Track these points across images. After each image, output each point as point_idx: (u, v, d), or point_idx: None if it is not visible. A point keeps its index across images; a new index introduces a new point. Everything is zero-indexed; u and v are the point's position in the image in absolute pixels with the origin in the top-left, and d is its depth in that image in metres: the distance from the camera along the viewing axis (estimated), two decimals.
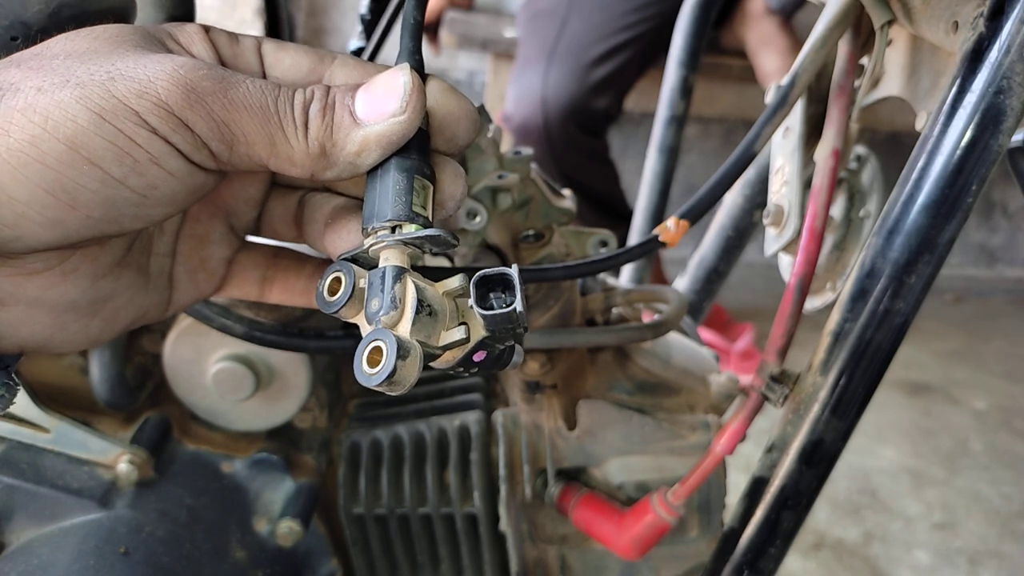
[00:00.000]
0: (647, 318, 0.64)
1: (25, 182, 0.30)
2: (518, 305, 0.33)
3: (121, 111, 0.31)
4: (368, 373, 0.31)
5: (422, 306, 0.33)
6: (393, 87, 0.35)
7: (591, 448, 0.57)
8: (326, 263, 0.42)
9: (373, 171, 0.36)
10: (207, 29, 0.38)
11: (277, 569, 0.59)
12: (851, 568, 1.58)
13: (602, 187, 2.22)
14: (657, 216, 0.99)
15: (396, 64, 0.37)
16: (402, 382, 0.32)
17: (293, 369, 0.58)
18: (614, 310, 0.64)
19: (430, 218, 0.35)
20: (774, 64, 2.14)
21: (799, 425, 0.45)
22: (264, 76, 0.38)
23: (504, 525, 0.56)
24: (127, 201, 0.32)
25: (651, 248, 0.50)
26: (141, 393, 0.60)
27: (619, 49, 2.08)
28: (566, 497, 0.56)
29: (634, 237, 1.02)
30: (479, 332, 0.34)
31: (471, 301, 0.33)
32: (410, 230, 0.34)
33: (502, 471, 0.54)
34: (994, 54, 0.38)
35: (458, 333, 0.34)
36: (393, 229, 0.34)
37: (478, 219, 0.52)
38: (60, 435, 0.56)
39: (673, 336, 0.65)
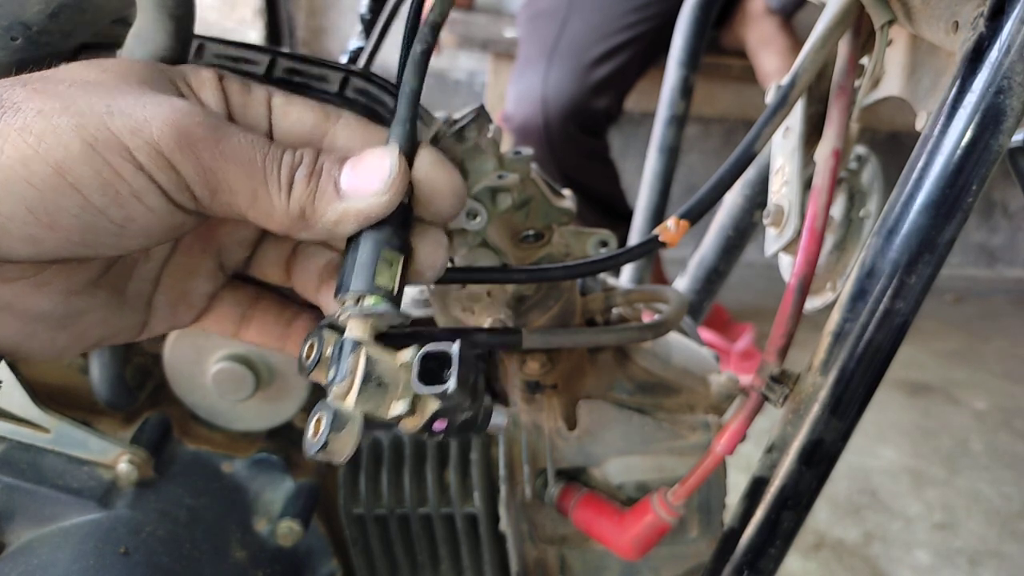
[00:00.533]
0: (647, 318, 0.64)
1: (8, 198, 0.31)
2: (451, 386, 0.34)
3: (113, 144, 0.32)
4: (309, 441, 0.34)
5: (370, 378, 0.35)
6: (379, 167, 0.36)
7: (591, 448, 0.57)
8: (307, 311, 0.43)
9: (351, 238, 0.37)
10: (221, 77, 0.39)
11: (277, 569, 0.60)
12: (851, 568, 1.58)
13: (602, 187, 2.22)
14: (657, 216, 0.99)
15: (391, 133, 0.38)
16: (337, 453, 0.34)
17: (293, 369, 0.58)
18: (614, 310, 0.64)
19: (394, 291, 0.37)
20: (774, 64, 2.14)
21: (799, 425, 0.45)
22: (271, 128, 0.39)
23: (504, 525, 0.56)
24: (105, 230, 0.33)
25: (651, 248, 0.50)
26: (141, 393, 0.60)
27: (619, 49, 2.08)
28: (566, 497, 0.56)
29: (634, 237, 1.02)
30: (434, 404, 0.35)
31: (413, 376, 0.35)
32: (370, 303, 0.36)
33: (502, 471, 0.54)
34: (994, 54, 0.38)
35: (402, 406, 0.35)
36: (358, 300, 0.36)
37: (478, 219, 0.52)
38: (60, 435, 0.56)
39: (673, 336, 0.65)
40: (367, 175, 0.36)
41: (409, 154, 0.38)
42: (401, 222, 0.37)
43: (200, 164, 0.34)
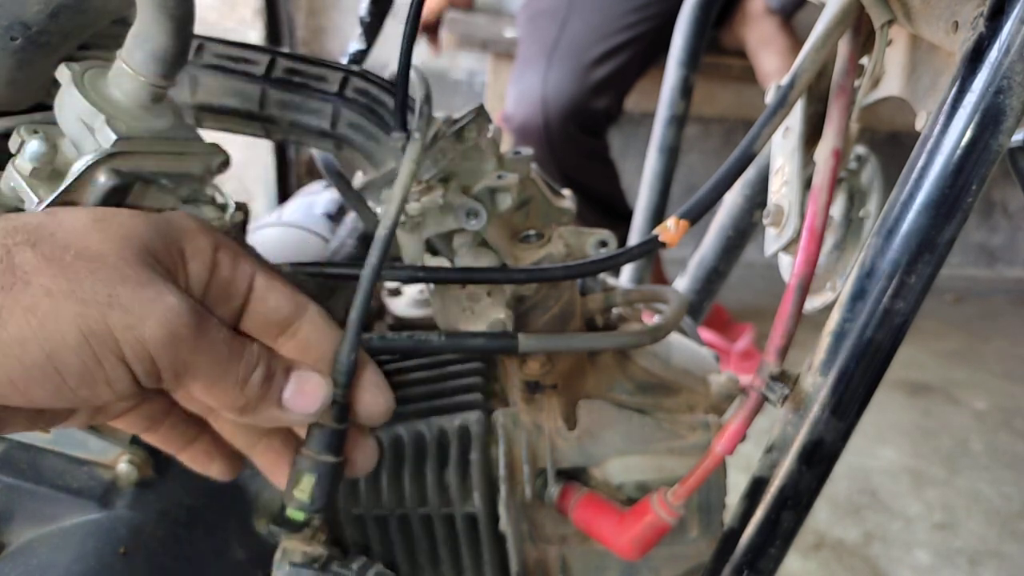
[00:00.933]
0: (647, 318, 0.64)
1: None
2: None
3: (106, 339, 0.36)
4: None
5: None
6: (315, 395, 0.43)
7: (591, 448, 0.57)
8: (207, 432, 0.49)
9: None
10: (217, 248, 0.42)
11: None
12: (851, 568, 1.58)
13: (602, 187, 2.22)
14: (657, 216, 0.99)
15: (338, 352, 0.45)
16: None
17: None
18: (614, 310, 0.64)
19: (311, 500, 0.46)
20: (774, 64, 2.14)
21: (799, 425, 0.45)
22: (246, 305, 0.43)
23: (504, 525, 0.56)
24: (66, 399, 0.37)
25: (651, 248, 0.50)
26: None
27: (619, 49, 2.08)
28: (566, 497, 0.56)
29: (634, 237, 1.02)
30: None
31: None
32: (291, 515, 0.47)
33: (502, 471, 0.54)
34: (994, 54, 0.38)
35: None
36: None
37: (477, 219, 0.52)
38: (60, 435, 0.56)
39: (673, 336, 0.65)
40: (305, 398, 0.43)
41: (349, 376, 0.45)
42: (339, 419, 0.45)
43: (178, 358, 0.38)
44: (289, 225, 0.74)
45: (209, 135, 0.51)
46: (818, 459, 0.45)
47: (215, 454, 0.49)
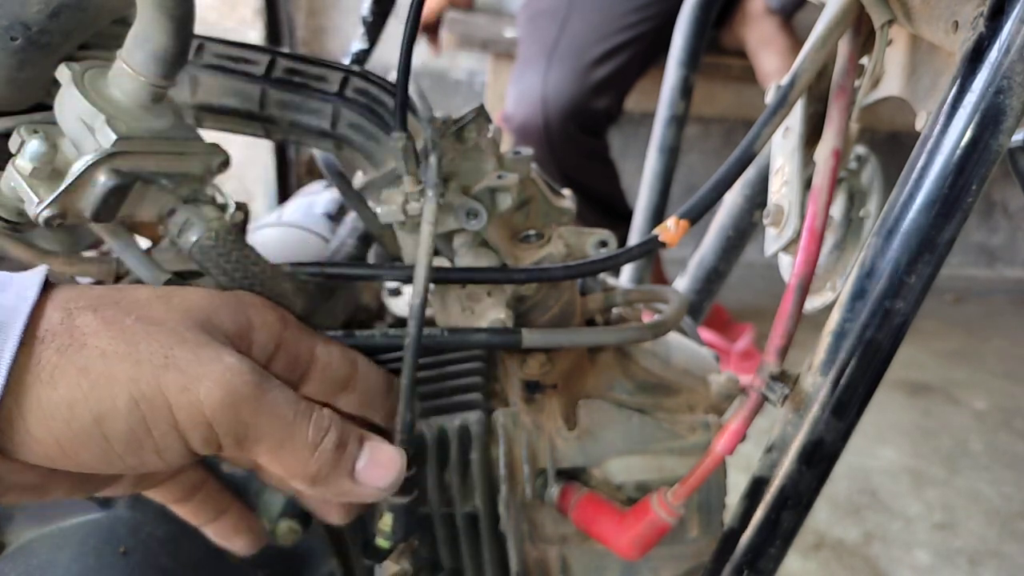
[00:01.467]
0: (647, 318, 0.64)
1: (47, 429, 0.33)
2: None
3: (158, 403, 0.34)
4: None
5: None
6: (392, 466, 0.42)
7: (591, 448, 0.57)
8: (237, 504, 0.50)
9: None
10: (284, 320, 0.42)
11: (277, 569, 0.59)
12: (851, 568, 1.58)
13: (602, 187, 2.22)
14: (657, 216, 0.99)
15: (397, 425, 0.46)
16: None
17: None
18: (614, 310, 0.64)
19: (390, 533, 0.48)
20: (774, 64, 2.14)
21: (799, 425, 0.45)
22: (308, 373, 0.42)
23: (504, 525, 0.55)
24: (113, 465, 0.35)
25: (651, 248, 0.50)
26: None
27: (619, 49, 2.08)
28: (566, 497, 0.56)
29: (634, 237, 1.02)
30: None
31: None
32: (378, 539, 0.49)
33: (502, 471, 0.54)
34: (994, 54, 0.38)
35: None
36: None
37: (477, 219, 0.52)
38: None
39: (673, 336, 0.65)
40: (380, 471, 0.41)
41: (410, 432, 0.46)
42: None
43: (238, 419, 0.36)
44: (289, 225, 0.74)
45: (209, 135, 0.51)
46: (818, 459, 0.45)
47: (241, 528, 0.49)
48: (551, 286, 0.56)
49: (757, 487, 0.48)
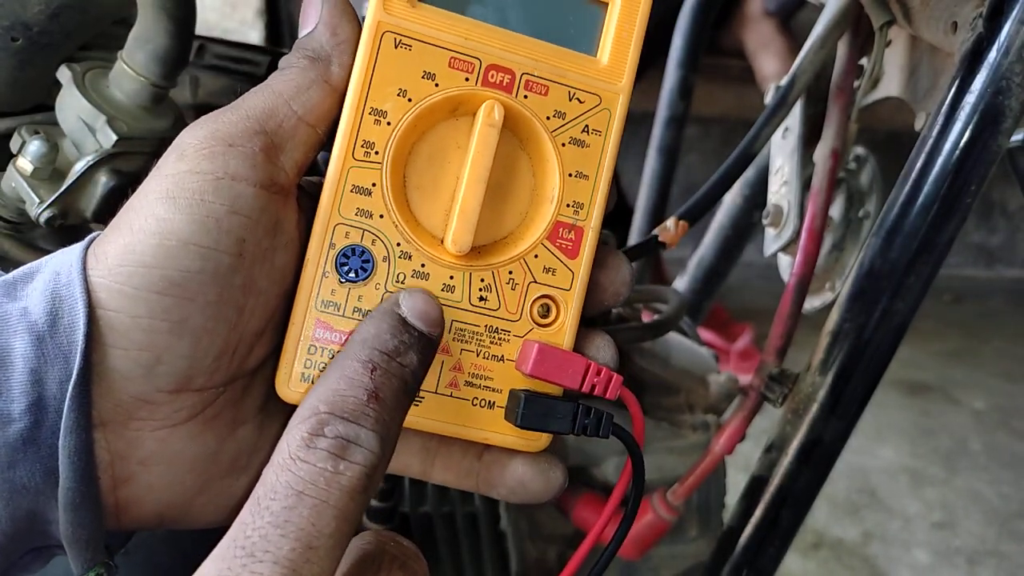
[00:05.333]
0: (647, 318, 0.64)
1: (139, 294, 0.29)
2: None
3: (182, 179, 0.30)
4: None
5: None
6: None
7: (591, 448, 0.57)
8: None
9: None
10: None
11: None
12: (850, 567, 1.58)
13: None
14: (657, 216, 0.99)
15: None
16: None
17: None
18: (613, 311, 0.64)
19: None
20: (773, 67, 2.15)
21: (798, 425, 0.45)
22: None
23: (504, 524, 0.56)
24: (228, 267, 0.30)
25: (651, 248, 0.50)
26: None
27: None
28: (566, 497, 0.56)
29: (634, 237, 1.02)
30: None
31: None
32: None
33: None
34: (993, 55, 0.38)
35: None
36: None
37: None
38: None
39: (673, 336, 0.65)
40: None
41: None
42: None
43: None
44: None
45: None
46: (817, 458, 0.45)
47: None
48: None
49: (756, 486, 0.48)
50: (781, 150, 0.59)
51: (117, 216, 0.31)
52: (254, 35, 2.11)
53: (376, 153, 0.31)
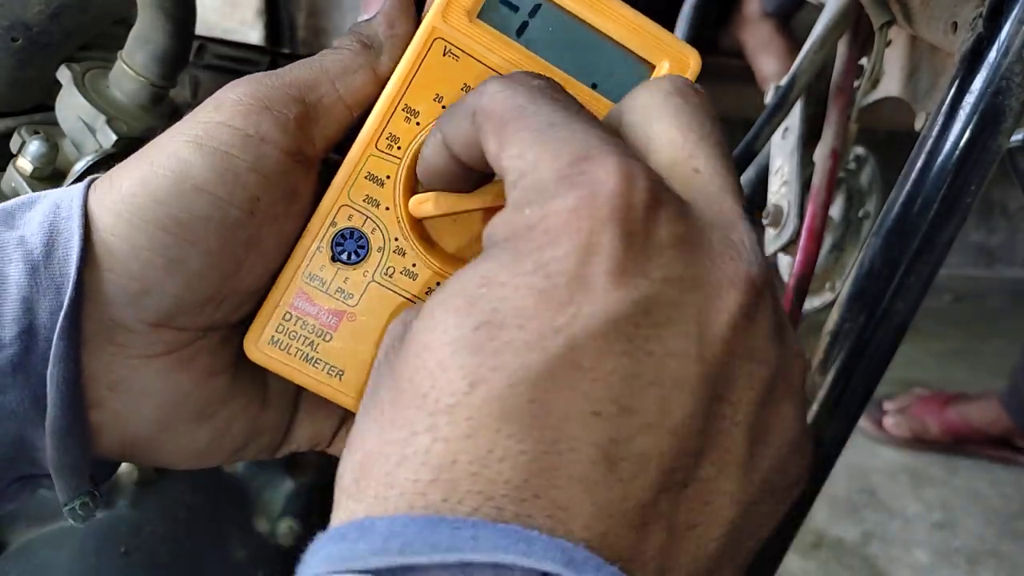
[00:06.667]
0: None
1: (143, 226, 0.30)
2: None
3: (212, 128, 0.30)
4: None
5: None
6: None
7: None
8: None
9: None
10: None
11: (277, 568, 0.60)
12: (850, 567, 1.58)
13: None
14: None
15: None
16: None
17: None
18: None
19: None
20: (772, 68, 2.14)
21: None
22: None
23: None
24: (236, 221, 0.30)
25: None
26: None
27: None
28: None
29: None
30: None
31: None
32: None
33: None
34: (993, 55, 0.38)
35: None
36: None
37: None
38: None
39: None
40: None
41: None
42: None
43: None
44: None
45: None
46: (817, 458, 0.45)
47: None
48: None
49: None
50: (781, 150, 0.59)
51: (142, 149, 0.31)
52: (254, 35, 2.12)
53: (399, 148, 0.32)
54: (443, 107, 0.32)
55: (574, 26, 0.32)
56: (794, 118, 0.58)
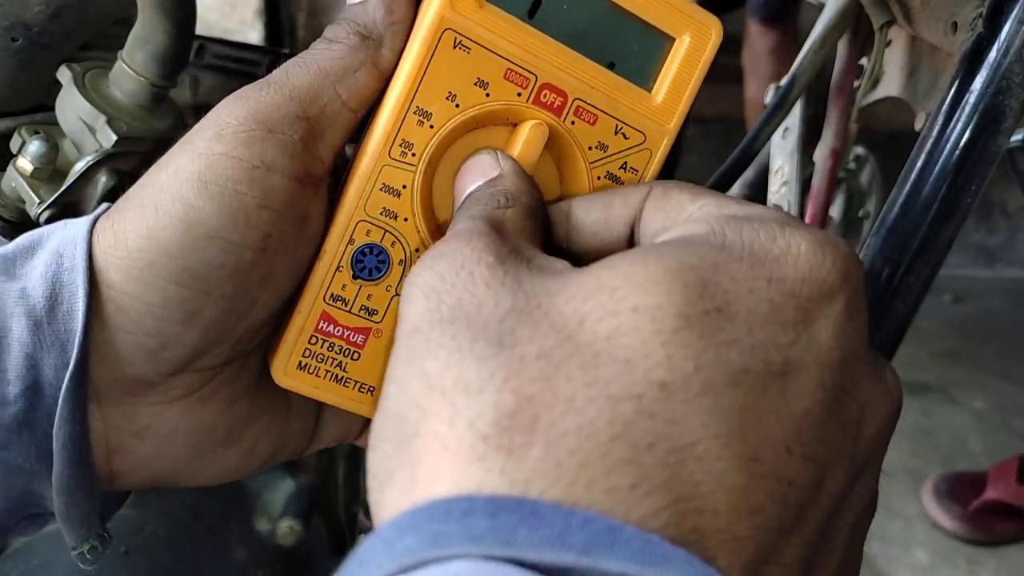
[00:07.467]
0: None
1: (156, 282, 0.28)
2: None
3: (216, 163, 0.28)
4: None
5: None
6: None
7: None
8: None
9: None
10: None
11: (278, 568, 0.60)
12: None
13: None
14: None
15: None
16: None
17: None
18: None
19: None
20: (754, 91, 2.14)
21: None
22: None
23: None
24: (250, 263, 0.29)
25: None
26: None
27: None
28: None
29: None
30: None
31: None
32: None
33: None
34: (993, 55, 0.38)
35: None
36: None
37: None
38: None
39: None
40: None
41: None
42: None
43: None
44: None
45: None
46: None
47: None
48: None
49: None
50: (781, 150, 0.59)
51: (140, 188, 0.29)
52: (254, 35, 2.11)
53: (413, 155, 0.30)
54: (456, 106, 0.30)
55: (589, 1, 0.30)
56: (794, 118, 0.58)
